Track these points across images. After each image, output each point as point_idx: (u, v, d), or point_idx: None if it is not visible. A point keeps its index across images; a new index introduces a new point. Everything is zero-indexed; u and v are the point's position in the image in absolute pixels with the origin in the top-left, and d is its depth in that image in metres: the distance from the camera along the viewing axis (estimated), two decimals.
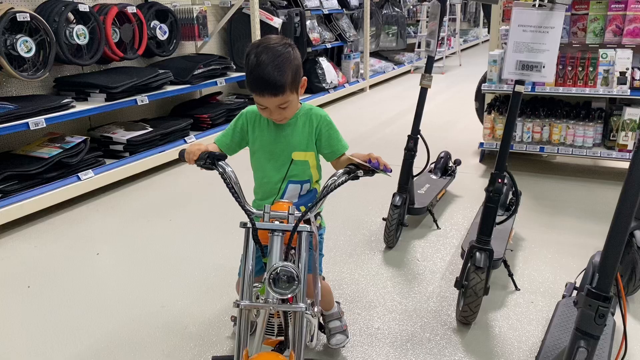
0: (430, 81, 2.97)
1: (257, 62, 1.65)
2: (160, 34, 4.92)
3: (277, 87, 1.66)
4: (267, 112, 1.76)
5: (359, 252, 3.06)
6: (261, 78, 1.65)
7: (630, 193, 1.34)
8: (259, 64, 1.65)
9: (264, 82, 1.65)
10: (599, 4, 3.97)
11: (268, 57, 1.65)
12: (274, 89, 1.66)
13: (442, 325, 2.39)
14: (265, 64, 1.64)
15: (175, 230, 3.41)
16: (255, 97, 1.71)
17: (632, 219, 2.45)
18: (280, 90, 1.67)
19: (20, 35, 3.70)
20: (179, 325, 2.40)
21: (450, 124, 5.89)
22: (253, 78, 1.67)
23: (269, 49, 1.67)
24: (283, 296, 1.55)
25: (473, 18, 15.21)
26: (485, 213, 2.34)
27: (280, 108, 1.72)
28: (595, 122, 4.02)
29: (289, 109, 1.75)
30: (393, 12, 9.38)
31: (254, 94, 1.70)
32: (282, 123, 1.84)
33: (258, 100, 1.71)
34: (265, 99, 1.68)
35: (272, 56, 1.66)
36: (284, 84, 1.67)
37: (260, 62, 1.65)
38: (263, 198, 1.92)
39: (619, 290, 1.44)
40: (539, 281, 2.72)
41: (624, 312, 1.45)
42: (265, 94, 1.67)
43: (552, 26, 2.12)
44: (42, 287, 2.77)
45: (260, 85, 1.66)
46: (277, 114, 1.75)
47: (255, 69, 1.66)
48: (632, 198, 1.34)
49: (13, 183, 3.50)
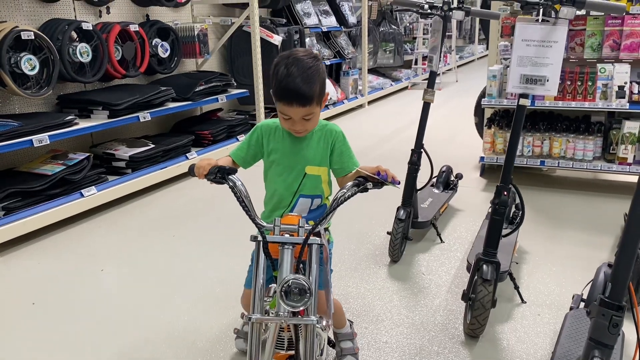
0: (433, 96, 3.00)
1: (287, 73, 1.69)
2: (161, 51, 4.95)
3: (305, 98, 1.69)
4: (289, 123, 1.78)
5: (363, 266, 3.06)
6: (291, 89, 1.68)
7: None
8: (289, 74, 1.68)
9: (293, 92, 1.68)
10: (596, 20, 4.03)
11: (298, 69, 1.69)
12: (303, 100, 1.69)
13: (450, 338, 2.38)
14: (295, 75, 1.68)
15: (178, 245, 3.41)
16: (282, 107, 1.74)
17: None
18: (309, 101, 1.71)
19: (24, 53, 3.72)
20: (186, 341, 2.39)
21: (449, 139, 5.93)
22: (282, 88, 1.70)
23: (299, 61, 1.71)
24: (295, 309, 1.55)
25: (468, 35, 15.36)
26: (492, 225, 2.35)
27: (304, 119, 1.76)
28: (595, 136, 4.06)
29: (312, 120, 1.79)
30: (390, 29, 9.47)
31: (281, 103, 1.72)
32: (301, 135, 1.86)
33: (284, 110, 1.74)
34: (292, 109, 1.71)
35: (302, 68, 1.70)
36: (312, 95, 1.71)
37: (290, 73, 1.68)
38: (273, 210, 1.93)
39: (631, 300, 1.45)
40: (544, 294, 2.73)
41: (637, 322, 1.46)
42: (294, 104, 1.70)
43: (556, 40, 2.15)
44: (47, 303, 2.75)
45: (290, 95, 1.69)
46: (300, 125, 1.78)
47: (285, 79, 1.69)
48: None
49: (16, 200, 3.49)
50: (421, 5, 2.90)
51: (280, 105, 1.74)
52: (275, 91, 1.74)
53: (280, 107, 1.75)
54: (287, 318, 1.60)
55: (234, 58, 6.12)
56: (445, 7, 2.84)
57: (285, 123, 1.81)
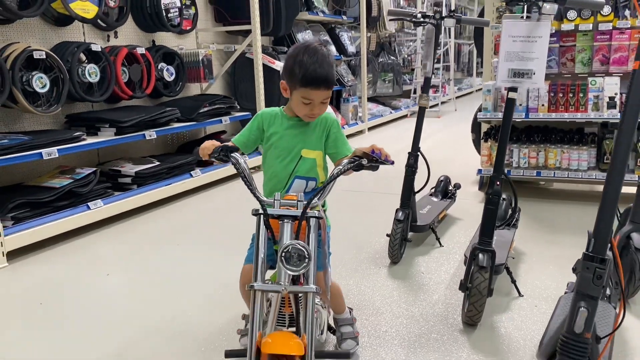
0: (428, 101, 3.12)
1: (311, 60, 1.86)
2: (167, 75, 5.13)
3: (329, 82, 1.89)
4: (308, 108, 1.92)
5: (364, 267, 3.12)
6: (319, 74, 1.86)
7: (621, 151, 1.45)
8: (315, 61, 1.86)
9: (322, 77, 1.87)
10: (585, 36, 4.19)
11: (321, 56, 1.88)
12: (328, 84, 1.89)
13: (449, 327, 2.43)
14: (319, 62, 1.87)
15: (183, 253, 3.48)
16: (307, 92, 1.88)
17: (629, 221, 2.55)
18: (332, 84, 1.91)
19: (35, 72, 3.88)
20: (190, 333, 2.45)
21: (448, 158, 6.04)
22: (310, 74, 1.86)
23: (318, 50, 1.90)
24: (295, 273, 1.63)
25: (467, 68, 15.69)
26: (486, 215, 2.43)
27: (322, 103, 1.93)
28: (589, 146, 4.16)
29: (326, 103, 1.95)
30: (389, 60, 9.72)
31: (308, 89, 1.87)
32: (312, 120, 2.00)
33: (310, 94, 1.88)
34: (318, 93, 1.88)
35: (323, 55, 1.89)
36: (334, 79, 1.93)
37: (316, 60, 1.86)
38: (271, 192, 2.02)
39: (614, 257, 1.52)
40: (541, 288, 2.78)
41: (621, 278, 1.52)
42: (321, 87, 1.88)
43: (540, 35, 2.28)
44: (54, 303, 2.82)
45: (319, 80, 1.87)
46: (318, 109, 1.94)
47: (312, 66, 1.86)
48: (622, 156, 1.45)
49: (25, 210, 3.59)
50: (415, 15, 3.05)
51: (306, 91, 1.89)
52: (302, 79, 1.88)
53: (305, 92, 1.89)
54: (288, 286, 1.67)
55: (237, 83, 6.30)
56: (437, 15, 3.00)
57: (303, 109, 1.94)
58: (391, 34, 10.01)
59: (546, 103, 4.16)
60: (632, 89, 1.49)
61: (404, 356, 2.21)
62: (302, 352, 1.55)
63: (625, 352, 2.20)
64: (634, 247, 2.51)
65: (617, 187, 1.45)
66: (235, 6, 5.98)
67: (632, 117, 1.47)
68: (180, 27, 5.29)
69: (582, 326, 1.44)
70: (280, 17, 6.25)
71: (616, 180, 1.46)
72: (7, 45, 3.90)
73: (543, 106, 4.17)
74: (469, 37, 15.12)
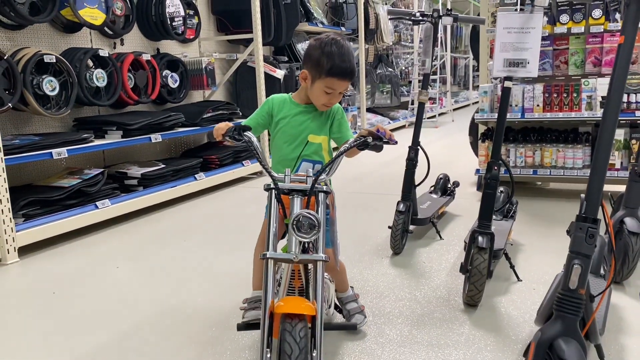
0: (426, 96, 3.24)
1: (339, 52, 1.99)
2: (171, 82, 5.26)
3: (354, 73, 2.05)
4: (328, 97, 2.05)
5: (367, 258, 3.21)
6: (347, 66, 2.00)
7: (610, 110, 1.56)
8: (341, 53, 1.99)
9: (349, 69, 2.01)
10: (578, 39, 4.33)
11: (345, 49, 2.01)
12: (352, 75, 2.03)
13: (451, 308, 2.52)
14: (346, 54, 2.01)
15: (189, 248, 3.57)
16: (331, 82, 2.00)
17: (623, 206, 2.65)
18: (355, 76, 2.06)
19: (45, 75, 4.00)
20: (199, 316, 2.53)
21: (447, 162, 6.15)
22: (338, 65, 1.98)
23: (343, 43, 2.04)
24: (306, 239, 1.73)
25: (463, 82, 15.90)
26: (485, 199, 2.53)
27: (340, 93, 2.06)
28: (584, 145, 4.27)
29: (342, 94, 2.08)
30: (386, 72, 9.90)
31: (334, 79, 2.00)
32: (327, 109, 2.13)
33: (334, 84, 2.01)
34: (342, 83, 2.01)
35: (347, 48, 2.03)
36: (356, 71, 2.08)
37: (342, 52, 2.00)
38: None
39: (604, 215, 1.62)
40: (539, 274, 2.87)
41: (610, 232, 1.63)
42: (346, 78, 2.01)
43: (533, 27, 2.41)
44: (66, 292, 2.90)
45: (346, 72, 2.00)
46: (337, 98, 2.08)
47: (339, 57, 1.99)
48: (612, 117, 1.56)
49: (35, 208, 3.68)
50: (413, 14, 3.19)
51: (331, 81, 2.01)
52: (330, 69, 2.00)
53: (330, 82, 2.01)
54: (299, 254, 1.77)
55: (239, 92, 6.43)
56: (435, 14, 3.13)
57: (324, 98, 2.06)
58: (388, 46, 10.20)
59: (541, 103, 4.29)
60: (618, 59, 1.61)
61: (407, 332, 2.29)
62: (313, 312, 1.64)
63: (619, 326, 2.29)
64: (627, 231, 2.62)
65: (607, 148, 1.56)
66: (237, 16, 6.14)
67: (619, 81, 1.59)
68: (184, 35, 5.43)
69: (576, 282, 1.53)
70: (281, 27, 6.41)
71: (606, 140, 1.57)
72: (18, 50, 4.02)
73: (538, 106, 4.29)
74: (465, 51, 15.36)
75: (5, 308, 2.77)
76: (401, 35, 10.88)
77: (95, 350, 2.26)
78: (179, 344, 2.28)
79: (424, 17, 3.16)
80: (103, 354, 2.22)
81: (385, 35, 9.56)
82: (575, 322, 1.56)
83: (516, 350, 2.14)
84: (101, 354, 2.23)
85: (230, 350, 2.20)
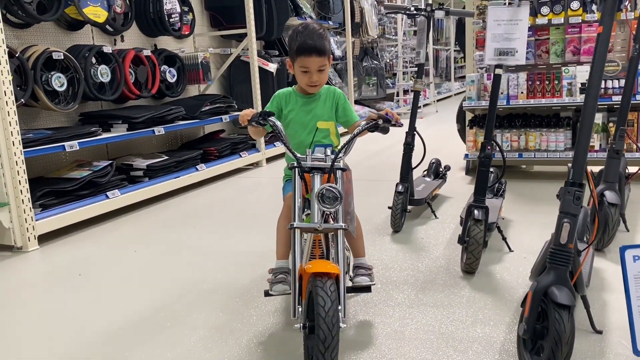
0: (422, 85, 3.49)
1: (304, 32, 2.19)
2: (169, 77, 5.44)
3: (321, 49, 2.19)
4: (307, 76, 2.24)
5: (369, 237, 3.44)
6: (309, 43, 2.18)
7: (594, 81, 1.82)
8: (306, 34, 2.19)
9: (312, 45, 2.18)
10: (557, 30, 4.62)
11: (312, 29, 2.22)
12: (319, 51, 2.19)
13: (451, 275, 2.78)
14: (311, 34, 2.20)
15: (201, 232, 3.78)
16: (302, 60, 2.20)
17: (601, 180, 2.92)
18: (323, 52, 2.20)
19: (53, 72, 4.17)
20: (222, 289, 2.75)
21: (434, 150, 6.38)
22: (302, 43, 2.18)
23: (308, 25, 2.24)
24: (330, 209, 1.96)
25: (445, 73, 16.21)
26: (479, 176, 2.79)
27: (319, 71, 2.22)
28: (565, 129, 4.57)
29: (324, 73, 2.25)
30: (372, 64, 10.15)
31: (302, 57, 2.19)
32: (315, 91, 2.31)
33: (304, 62, 2.20)
34: (310, 59, 2.19)
35: (314, 29, 2.22)
36: (325, 48, 2.22)
37: (307, 32, 2.20)
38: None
39: (588, 181, 1.88)
40: (528, 244, 3.14)
41: (594, 197, 1.88)
42: (313, 54, 2.18)
43: (521, 19, 2.66)
44: (92, 274, 3.10)
45: (310, 48, 2.18)
46: (316, 76, 2.23)
47: (303, 37, 2.18)
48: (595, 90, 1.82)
49: (51, 199, 3.86)
50: (408, 8, 3.43)
51: (301, 60, 2.21)
52: (297, 49, 2.20)
53: (301, 61, 2.21)
54: (321, 224, 2.00)
55: (233, 85, 6.63)
56: (428, 8, 3.38)
57: (303, 78, 2.26)
58: (373, 40, 10.44)
59: (525, 91, 4.56)
60: (597, 46, 1.86)
61: (414, 296, 2.54)
62: (338, 271, 1.87)
63: (601, 285, 2.57)
64: (607, 202, 2.89)
65: (591, 117, 1.82)
66: (229, 12, 6.33)
67: (600, 62, 1.84)
68: (181, 31, 5.61)
69: (565, 237, 1.79)
70: (272, 21, 6.63)
71: (590, 108, 1.82)
72: (27, 48, 4.17)
73: (522, 93, 4.57)
74: (446, 43, 15.66)
75: (38, 288, 2.96)
76: (385, 29, 11.12)
77: (133, 320, 2.47)
78: (209, 312, 2.50)
79: (418, 11, 3.40)
80: (142, 325, 2.43)
81: (370, 28, 9.81)
82: (565, 272, 1.81)
83: (512, 307, 2.40)
84: (141, 324, 2.44)
85: (256, 315, 2.43)
